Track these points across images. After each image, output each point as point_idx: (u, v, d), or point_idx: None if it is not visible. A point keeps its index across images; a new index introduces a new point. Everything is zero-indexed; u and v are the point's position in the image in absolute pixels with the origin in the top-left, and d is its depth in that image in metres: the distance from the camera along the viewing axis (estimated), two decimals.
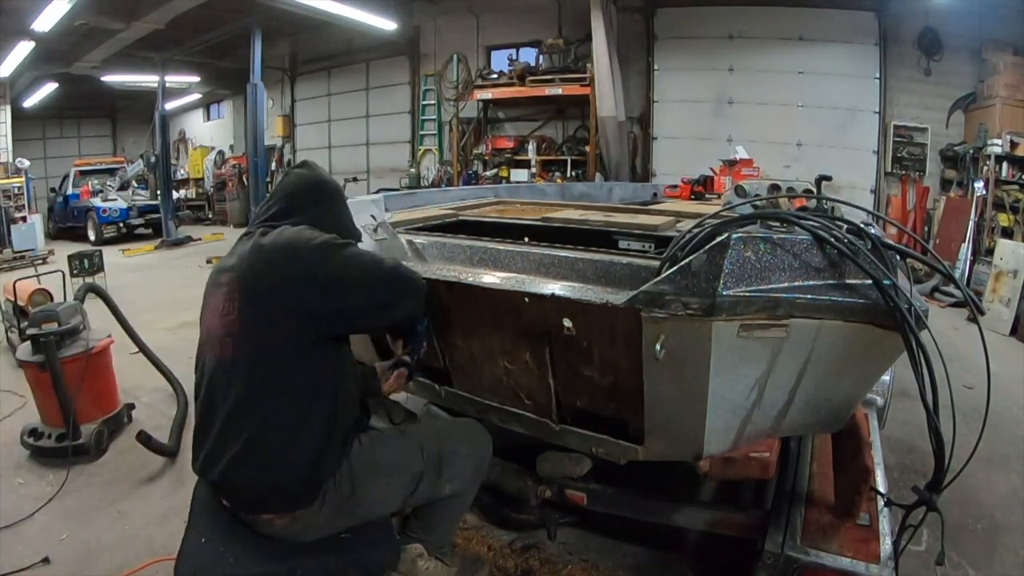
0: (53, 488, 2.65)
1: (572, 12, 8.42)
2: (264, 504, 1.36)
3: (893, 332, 1.25)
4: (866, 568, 1.40)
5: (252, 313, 1.34)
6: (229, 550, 1.34)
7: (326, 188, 1.62)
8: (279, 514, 1.36)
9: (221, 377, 1.35)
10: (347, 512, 1.42)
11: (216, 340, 1.38)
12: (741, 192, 3.07)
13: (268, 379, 1.32)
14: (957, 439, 1.22)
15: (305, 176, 1.61)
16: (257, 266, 1.38)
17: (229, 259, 1.47)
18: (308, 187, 1.59)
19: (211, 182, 13.75)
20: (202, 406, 1.39)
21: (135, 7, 7.81)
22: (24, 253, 8.81)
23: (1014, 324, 5.06)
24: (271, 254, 1.38)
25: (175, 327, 5.27)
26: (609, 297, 1.33)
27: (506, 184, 6.80)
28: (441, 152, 10.16)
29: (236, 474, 1.33)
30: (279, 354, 1.33)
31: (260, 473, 1.32)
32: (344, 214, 1.64)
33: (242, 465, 1.32)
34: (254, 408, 1.32)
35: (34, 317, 2.97)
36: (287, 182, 1.61)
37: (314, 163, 1.70)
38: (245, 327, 1.34)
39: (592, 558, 2.15)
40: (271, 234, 1.43)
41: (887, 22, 7.28)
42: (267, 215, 1.54)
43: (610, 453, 1.62)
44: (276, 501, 1.35)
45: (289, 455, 1.32)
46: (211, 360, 1.38)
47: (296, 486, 1.34)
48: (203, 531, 1.39)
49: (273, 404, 1.32)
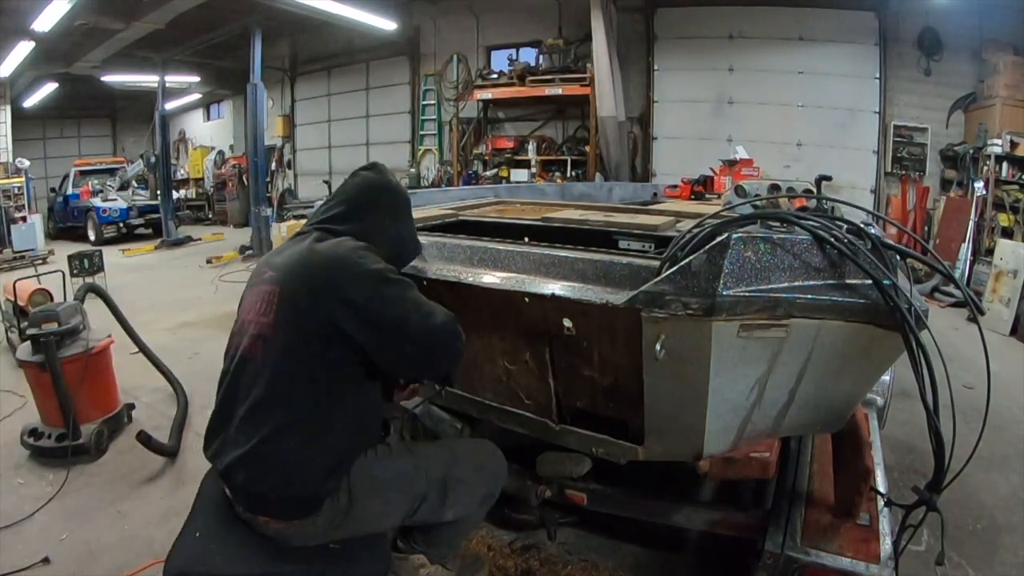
0: (53, 488, 2.65)
1: (572, 12, 8.42)
2: (263, 506, 1.35)
3: (893, 332, 1.25)
4: (866, 568, 1.40)
5: (287, 322, 1.32)
6: (220, 548, 1.34)
7: (390, 195, 1.55)
8: (276, 519, 1.35)
9: (246, 375, 1.35)
10: (343, 525, 1.39)
11: (249, 337, 1.36)
12: (741, 192, 3.07)
13: (290, 389, 1.31)
14: (957, 439, 1.22)
15: (370, 180, 1.56)
16: (303, 275, 1.34)
17: (277, 256, 1.45)
18: (372, 192, 1.53)
19: (211, 182, 13.75)
20: (223, 396, 1.39)
21: (135, 7, 7.81)
22: (24, 253, 8.80)
23: (1014, 324, 5.06)
24: (320, 268, 1.34)
25: (175, 327, 5.27)
26: (609, 297, 1.33)
27: (506, 184, 6.81)
28: (441, 152, 10.16)
29: (243, 472, 1.32)
30: (305, 366, 1.31)
31: (265, 477, 1.31)
32: (406, 225, 1.57)
33: (250, 465, 1.31)
34: (271, 413, 1.30)
35: (34, 317, 2.97)
36: (351, 184, 1.56)
37: (383, 167, 1.64)
38: (277, 333, 1.32)
39: (592, 558, 2.15)
40: (327, 243, 1.39)
41: (887, 22, 7.28)
42: (325, 216, 1.50)
43: (610, 453, 1.62)
44: (276, 507, 1.34)
45: (298, 466, 1.30)
46: (240, 355, 1.37)
47: (299, 497, 1.32)
48: (200, 525, 1.40)
49: (291, 413, 1.30)
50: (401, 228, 1.54)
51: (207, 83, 12.38)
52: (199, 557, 1.32)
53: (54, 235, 11.53)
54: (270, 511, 1.34)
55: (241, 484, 1.34)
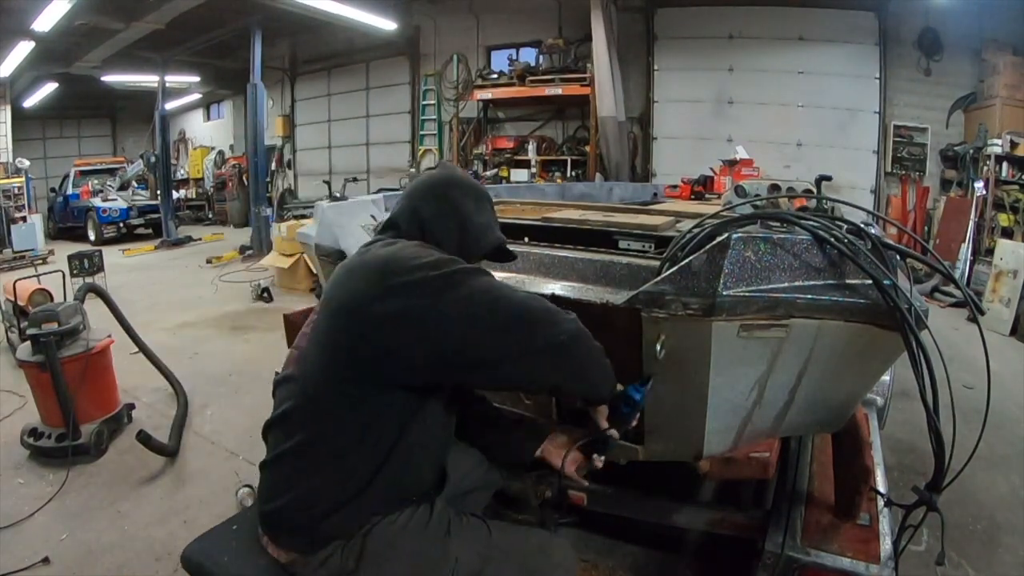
0: (53, 488, 2.65)
1: (572, 12, 8.42)
2: (266, 524, 1.22)
3: (893, 332, 1.25)
4: (866, 568, 1.40)
5: (321, 333, 1.15)
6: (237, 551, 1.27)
7: (454, 185, 1.33)
8: (274, 543, 1.20)
9: (281, 390, 1.22)
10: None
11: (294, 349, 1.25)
12: (741, 192, 3.06)
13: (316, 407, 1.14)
14: (957, 439, 1.22)
15: (432, 174, 1.39)
16: (345, 283, 1.15)
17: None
18: (431, 184, 1.34)
19: (211, 182, 13.76)
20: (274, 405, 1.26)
21: (135, 7, 7.80)
22: (24, 253, 8.80)
23: (1014, 324, 5.06)
24: (361, 271, 1.13)
25: (175, 327, 5.27)
26: (609, 297, 1.33)
27: (506, 184, 6.81)
28: (441, 152, 10.15)
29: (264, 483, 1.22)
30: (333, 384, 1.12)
31: (273, 494, 1.17)
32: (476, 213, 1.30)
33: (267, 477, 1.21)
34: (294, 431, 1.16)
35: (34, 317, 2.97)
36: (411, 187, 1.37)
37: (449, 164, 1.45)
38: (310, 345, 1.17)
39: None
40: (375, 246, 1.21)
41: (887, 22, 7.28)
42: (386, 222, 1.33)
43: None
44: (275, 529, 1.20)
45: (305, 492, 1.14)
46: (284, 369, 1.25)
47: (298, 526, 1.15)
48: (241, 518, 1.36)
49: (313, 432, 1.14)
50: (466, 218, 1.29)
51: (207, 83, 12.37)
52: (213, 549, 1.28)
53: (54, 235, 11.53)
54: (270, 531, 1.22)
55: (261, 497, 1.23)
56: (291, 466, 1.15)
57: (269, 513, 1.18)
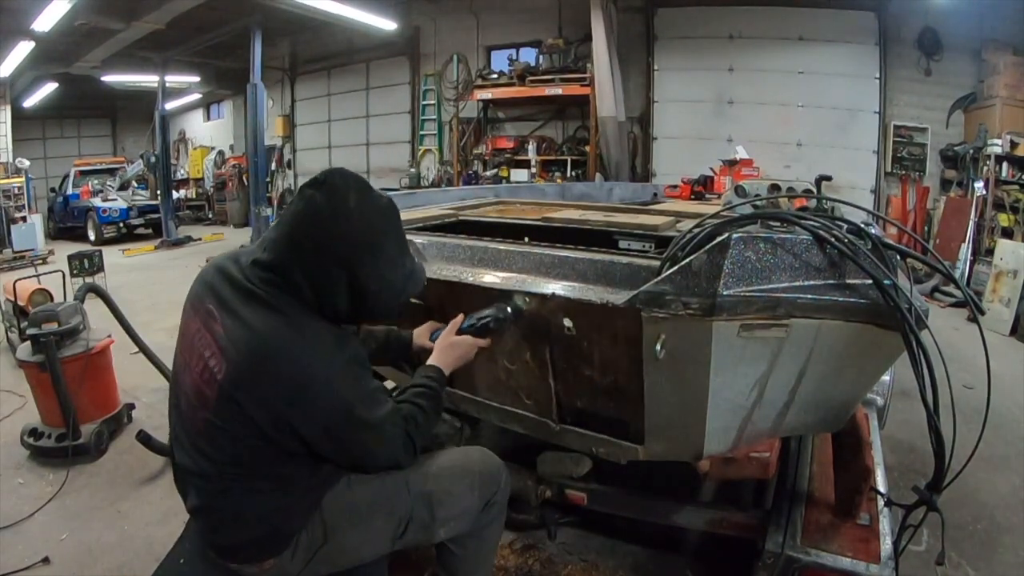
0: (53, 488, 2.65)
1: (572, 12, 8.41)
2: (228, 554, 1.27)
3: (893, 332, 1.25)
4: (866, 568, 1.41)
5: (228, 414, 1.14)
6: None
7: (341, 237, 1.12)
8: (246, 563, 1.26)
9: (186, 437, 1.23)
10: (323, 560, 1.29)
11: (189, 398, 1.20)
12: (741, 192, 3.06)
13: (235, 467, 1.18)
14: (957, 439, 1.22)
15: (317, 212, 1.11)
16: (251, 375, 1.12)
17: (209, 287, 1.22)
18: (319, 237, 1.12)
19: (211, 182, 13.75)
20: (170, 435, 1.29)
21: (135, 7, 7.80)
22: (24, 253, 8.80)
23: (1014, 324, 5.06)
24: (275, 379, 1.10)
25: (175, 327, 5.25)
26: (609, 297, 1.32)
27: (506, 184, 6.81)
28: (441, 152, 10.16)
29: (202, 520, 1.26)
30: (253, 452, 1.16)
31: (223, 528, 1.23)
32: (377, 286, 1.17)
33: (207, 516, 1.24)
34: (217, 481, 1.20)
35: (34, 317, 2.97)
36: (292, 213, 1.15)
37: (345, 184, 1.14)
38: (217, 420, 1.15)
39: (592, 558, 2.15)
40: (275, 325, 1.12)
41: (887, 22, 7.28)
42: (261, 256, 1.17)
43: (610, 453, 1.62)
44: (240, 553, 1.25)
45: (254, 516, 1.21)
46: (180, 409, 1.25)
47: (260, 539, 1.23)
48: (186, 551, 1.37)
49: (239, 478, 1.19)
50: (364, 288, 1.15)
51: (207, 83, 12.37)
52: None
53: (54, 235, 11.52)
54: (236, 557, 1.26)
55: (202, 531, 1.28)
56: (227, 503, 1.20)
57: (228, 547, 1.26)
